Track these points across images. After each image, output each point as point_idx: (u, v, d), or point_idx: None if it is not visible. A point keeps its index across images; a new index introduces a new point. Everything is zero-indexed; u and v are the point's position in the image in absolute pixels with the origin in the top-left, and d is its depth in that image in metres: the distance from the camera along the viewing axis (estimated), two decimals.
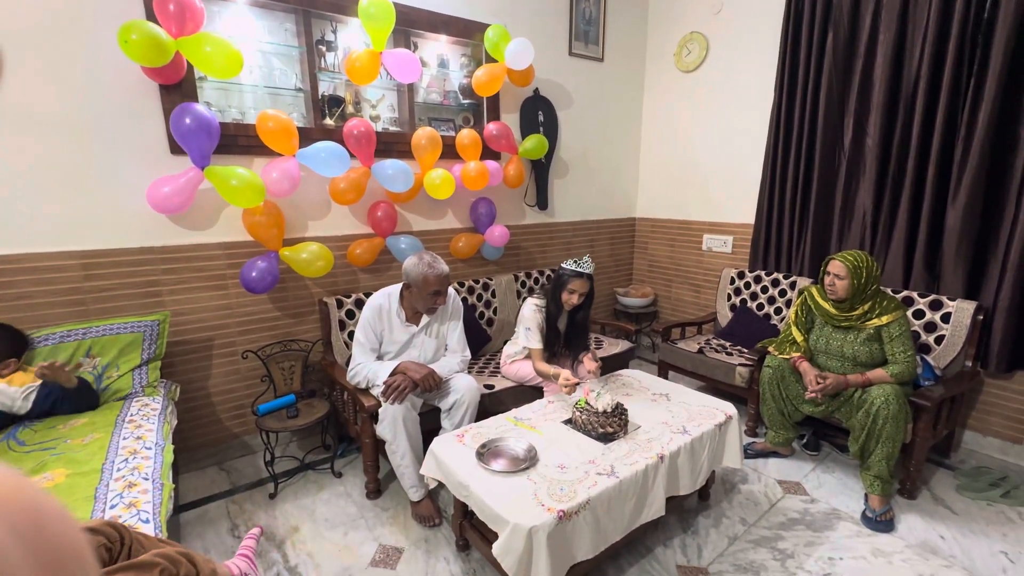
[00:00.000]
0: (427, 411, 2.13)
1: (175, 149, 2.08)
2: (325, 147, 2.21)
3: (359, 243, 2.54)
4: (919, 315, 2.37)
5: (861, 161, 2.65)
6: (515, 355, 2.42)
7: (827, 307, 2.15)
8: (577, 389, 2.02)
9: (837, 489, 2.18)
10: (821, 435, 2.57)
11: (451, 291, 2.20)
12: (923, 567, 1.73)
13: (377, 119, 2.66)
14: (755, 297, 3.05)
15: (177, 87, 2.03)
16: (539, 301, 2.30)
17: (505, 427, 1.84)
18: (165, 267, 2.15)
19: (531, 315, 2.27)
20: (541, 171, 3.27)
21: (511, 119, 3.06)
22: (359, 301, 2.47)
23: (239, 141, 2.18)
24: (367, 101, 2.66)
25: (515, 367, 2.41)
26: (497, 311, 2.96)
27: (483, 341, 2.85)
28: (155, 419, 1.75)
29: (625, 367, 2.81)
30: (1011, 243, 2.20)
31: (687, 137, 3.54)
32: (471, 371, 2.49)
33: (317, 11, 2.34)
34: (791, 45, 2.81)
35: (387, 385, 1.95)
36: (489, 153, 2.87)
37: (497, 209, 2.97)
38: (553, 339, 2.33)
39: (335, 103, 2.48)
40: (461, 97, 2.94)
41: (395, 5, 2.28)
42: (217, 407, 2.39)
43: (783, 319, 2.89)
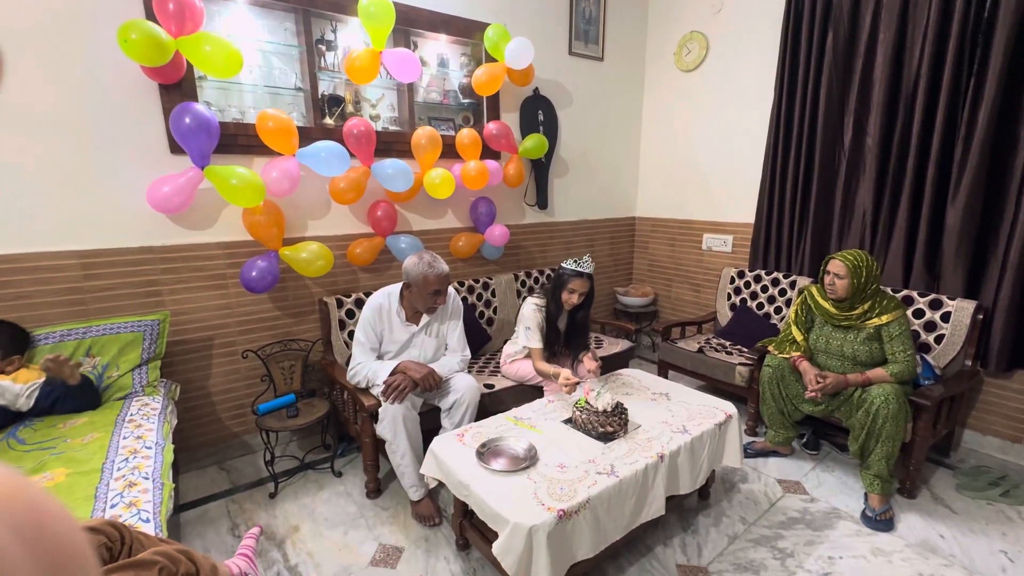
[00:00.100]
0: (427, 410, 2.13)
1: (175, 148, 2.07)
2: (325, 146, 2.21)
3: (359, 242, 2.54)
4: (919, 314, 2.37)
5: (861, 160, 2.65)
6: (515, 354, 2.42)
7: (827, 306, 2.15)
8: (577, 388, 2.02)
9: (837, 488, 2.18)
10: (821, 434, 2.57)
11: (451, 290, 2.20)
12: (923, 566, 1.74)
13: (377, 118, 2.66)
14: (755, 296, 3.05)
15: (177, 86, 2.03)
16: (539, 300, 2.30)
17: (505, 426, 1.84)
18: (165, 267, 2.15)
19: (531, 314, 2.27)
20: (541, 170, 3.27)
21: (511, 118, 3.06)
22: (359, 301, 2.47)
23: (239, 140, 2.18)
24: (367, 100, 2.66)
25: (515, 366, 2.41)
26: (497, 310, 2.97)
27: (483, 340, 2.85)
28: (155, 418, 1.75)
29: (625, 366, 2.81)
30: (1011, 242, 2.20)
31: (687, 136, 3.54)
32: (471, 370, 2.48)
33: (317, 10, 2.33)
34: (791, 44, 2.80)
35: (387, 384, 1.95)
36: (489, 152, 2.87)
37: (497, 208, 2.97)
38: (553, 338, 2.33)
39: (335, 102, 2.48)
40: (461, 96, 2.94)
41: (395, 4, 2.28)
42: (217, 407, 2.39)
43: (783, 318, 2.89)
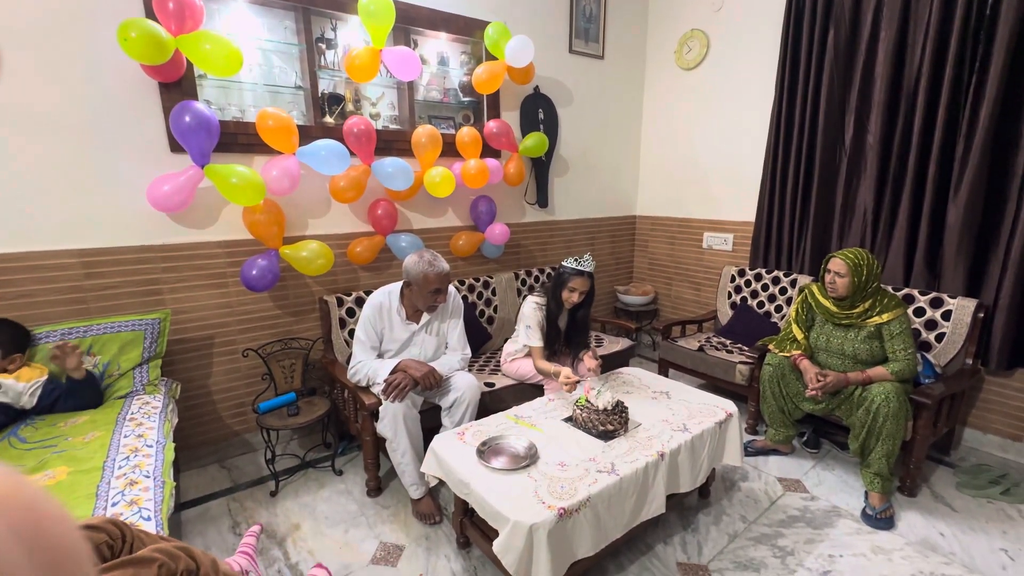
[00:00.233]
0: (427, 409, 2.13)
1: (175, 147, 2.07)
2: (325, 145, 2.20)
3: (359, 241, 2.54)
4: (920, 313, 2.37)
5: (862, 159, 2.65)
6: (515, 353, 2.42)
7: (828, 305, 2.15)
8: (578, 387, 2.02)
9: (837, 487, 2.18)
10: (821, 433, 2.57)
11: (451, 289, 2.20)
12: (923, 564, 1.74)
13: (377, 117, 2.65)
14: (755, 295, 3.05)
15: (177, 85, 2.03)
16: (539, 299, 2.30)
17: (505, 425, 1.84)
18: (165, 265, 2.15)
19: (531, 313, 2.27)
20: (541, 169, 3.27)
21: (511, 117, 3.06)
22: (359, 299, 2.47)
23: (239, 139, 2.18)
24: (367, 99, 2.65)
25: (515, 365, 2.41)
26: (497, 309, 2.97)
27: (483, 339, 2.85)
28: (156, 417, 1.75)
29: (625, 365, 2.81)
30: (1012, 241, 2.20)
31: (687, 135, 3.53)
32: (471, 369, 2.49)
33: (317, 8, 2.33)
34: (792, 42, 2.80)
35: (387, 383, 1.95)
36: (489, 151, 2.87)
37: (497, 207, 2.96)
38: (553, 337, 2.33)
39: (335, 101, 2.48)
40: (461, 95, 2.94)
41: (395, 3, 2.28)
42: (218, 405, 2.40)
43: (783, 317, 2.89)
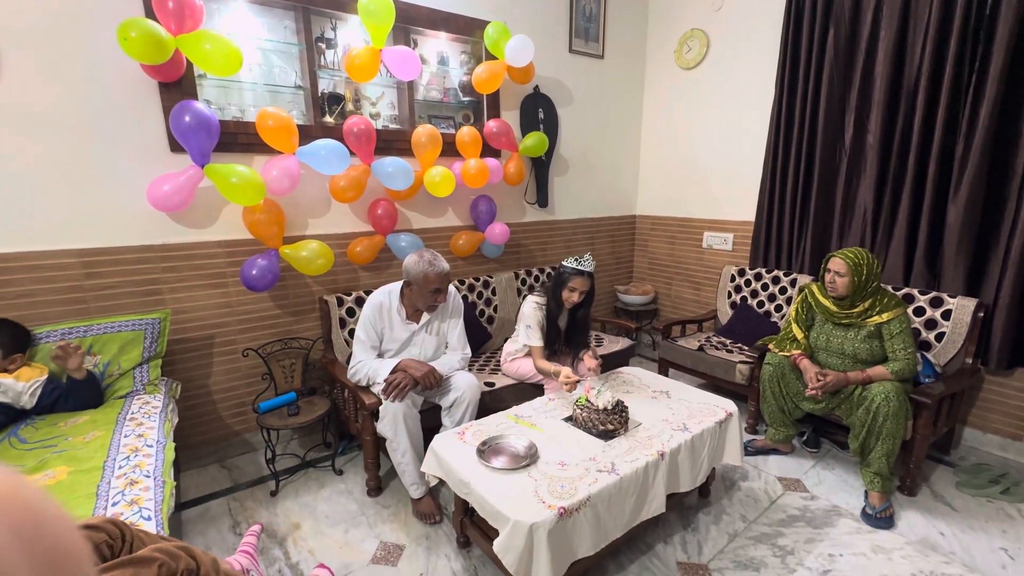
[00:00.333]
0: (428, 409, 2.13)
1: (175, 147, 2.07)
2: (325, 145, 2.20)
3: (359, 241, 2.54)
4: (919, 312, 2.37)
5: (862, 158, 2.65)
6: (515, 353, 2.42)
7: (828, 304, 2.15)
8: (578, 386, 2.02)
9: (837, 486, 2.19)
10: (821, 432, 2.57)
11: (451, 289, 2.20)
12: (923, 563, 1.74)
13: (377, 116, 2.65)
14: (755, 295, 3.05)
15: (177, 85, 2.03)
16: (539, 299, 2.30)
17: (506, 424, 1.84)
18: (165, 265, 2.15)
19: (531, 313, 2.27)
20: (541, 169, 3.27)
21: (511, 116, 3.06)
22: (359, 299, 2.47)
23: (239, 139, 2.18)
24: (367, 98, 2.65)
25: (515, 365, 2.41)
26: (497, 309, 2.97)
27: (483, 339, 2.85)
28: (156, 417, 1.75)
29: (625, 365, 2.82)
30: (1012, 240, 2.19)
31: (687, 134, 3.53)
32: (471, 369, 2.48)
33: (316, 8, 2.33)
34: (792, 42, 2.80)
35: (388, 383, 1.95)
36: (489, 151, 2.87)
37: (497, 207, 2.96)
38: (553, 337, 2.33)
39: (335, 101, 2.48)
40: (461, 94, 2.93)
41: (395, 2, 2.28)
42: (218, 405, 2.40)
43: (783, 316, 2.89)
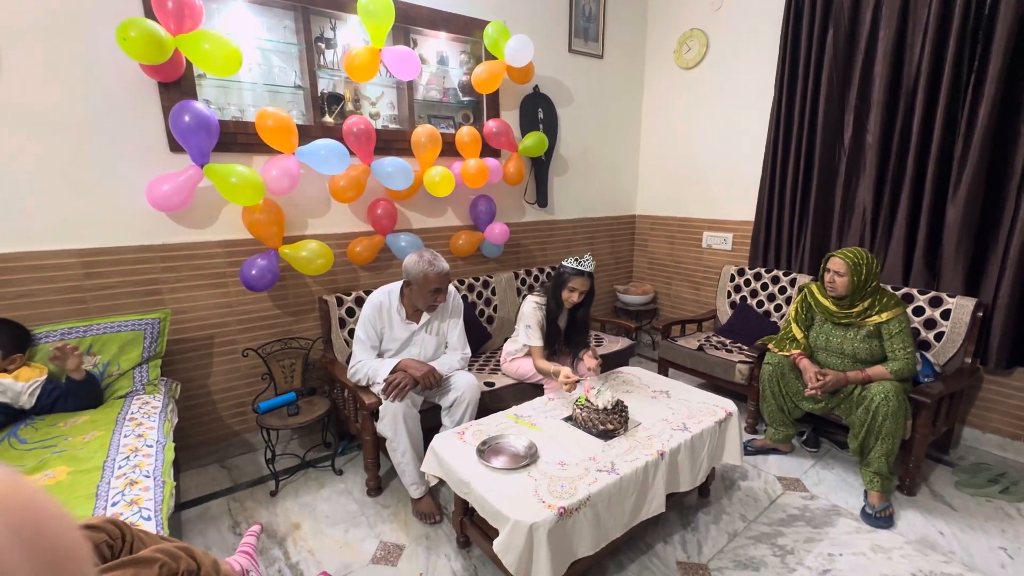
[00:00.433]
0: (427, 408, 2.13)
1: (174, 147, 2.07)
2: (325, 145, 2.20)
3: (359, 241, 2.54)
4: (919, 312, 2.37)
5: (861, 158, 2.65)
6: (515, 352, 2.43)
7: (827, 304, 2.15)
8: (577, 386, 2.02)
9: (837, 486, 2.19)
10: (821, 432, 2.57)
11: (451, 289, 2.20)
12: (922, 563, 1.74)
13: (376, 116, 2.65)
14: (755, 294, 3.05)
15: (176, 85, 2.03)
16: (539, 299, 2.30)
17: (505, 424, 1.84)
18: (165, 265, 2.15)
19: (531, 312, 2.27)
20: (541, 168, 3.27)
21: (511, 116, 3.06)
22: (359, 299, 2.47)
23: (238, 139, 2.18)
24: (366, 98, 2.65)
25: (515, 364, 2.41)
26: (497, 309, 2.97)
27: (483, 339, 2.85)
28: (156, 417, 1.75)
29: (625, 364, 2.82)
30: (1011, 239, 2.20)
31: (687, 134, 3.53)
32: (471, 369, 2.48)
33: (316, 8, 2.33)
34: (791, 42, 2.80)
35: (387, 383, 1.95)
36: (489, 150, 2.87)
37: (497, 207, 2.96)
38: (553, 336, 2.33)
39: (334, 100, 2.48)
40: (461, 94, 2.93)
41: (394, 2, 2.27)
42: (218, 405, 2.40)
43: (783, 316, 2.89)
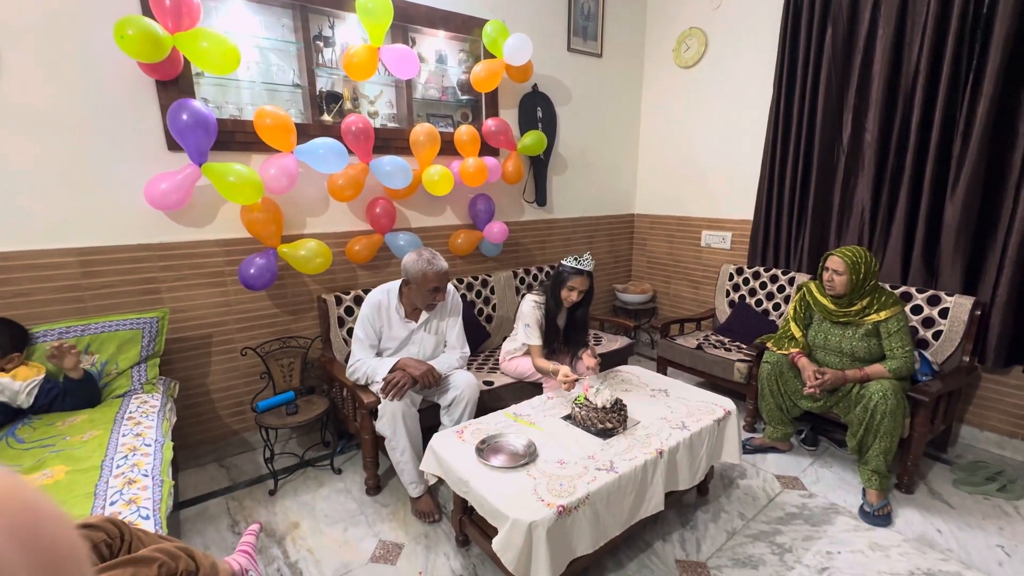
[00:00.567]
0: (426, 407, 2.13)
1: (172, 146, 2.07)
2: (323, 143, 2.20)
3: (358, 240, 2.53)
4: (917, 310, 2.38)
5: (860, 157, 2.65)
6: (514, 351, 2.43)
7: (825, 303, 2.15)
8: (576, 385, 2.02)
9: (835, 484, 2.19)
10: (819, 430, 2.58)
11: (450, 287, 2.20)
12: (920, 561, 1.74)
13: (375, 115, 2.65)
14: (754, 293, 3.05)
15: (174, 83, 2.02)
16: (538, 298, 2.30)
17: (504, 423, 1.84)
18: (163, 264, 2.15)
19: (530, 311, 2.27)
20: (540, 167, 3.26)
21: (510, 115, 3.06)
22: (358, 298, 2.47)
23: (237, 137, 2.18)
24: (365, 97, 2.65)
25: (514, 363, 2.41)
26: (496, 308, 2.96)
27: (482, 338, 2.85)
28: (154, 416, 1.75)
29: (624, 363, 2.82)
30: (1009, 238, 2.20)
31: (686, 133, 3.53)
32: (470, 367, 2.49)
33: (314, 6, 2.32)
34: (790, 40, 2.80)
35: (386, 382, 1.95)
36: (488, 149, 2.86)
37: (496, 205, 2.96)
38: (552, 335, 2.33)
39: (333, 99, 2.48)
40: (459, 93, 2.93)
41: (393, 0, 2.27)
42: (216, 404, 2.39)
43: (781, 315, 2.89)
